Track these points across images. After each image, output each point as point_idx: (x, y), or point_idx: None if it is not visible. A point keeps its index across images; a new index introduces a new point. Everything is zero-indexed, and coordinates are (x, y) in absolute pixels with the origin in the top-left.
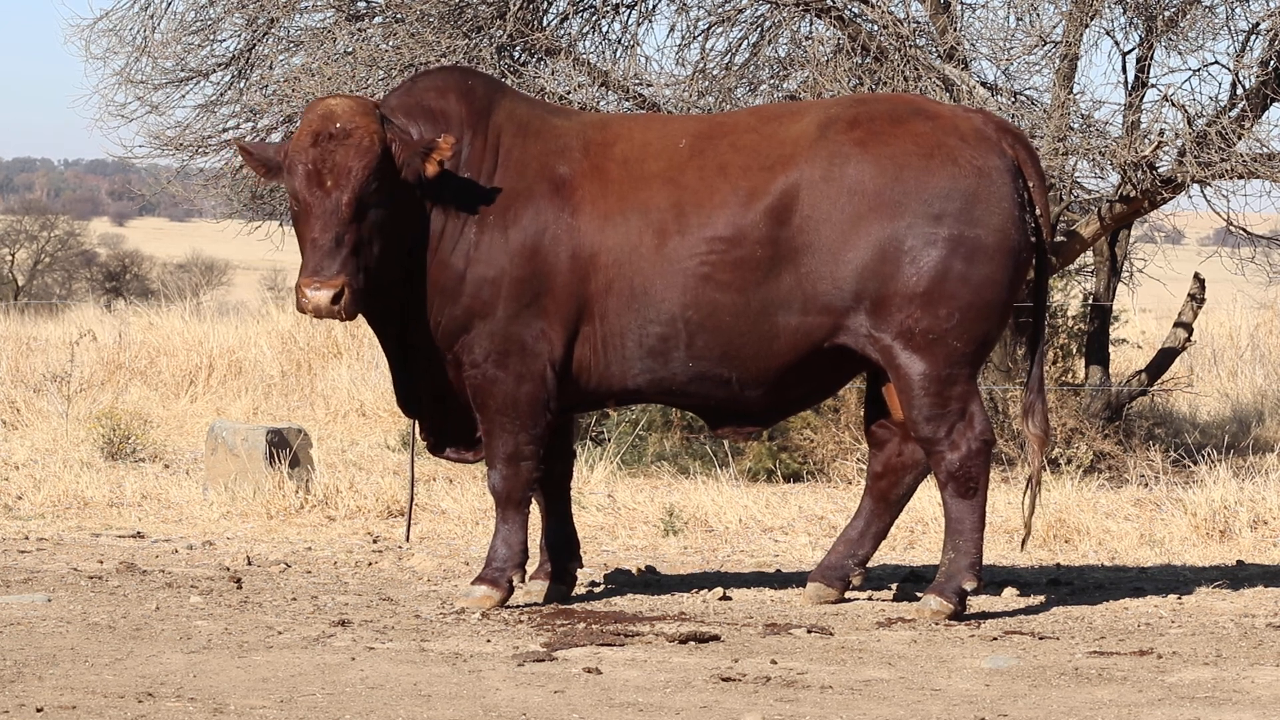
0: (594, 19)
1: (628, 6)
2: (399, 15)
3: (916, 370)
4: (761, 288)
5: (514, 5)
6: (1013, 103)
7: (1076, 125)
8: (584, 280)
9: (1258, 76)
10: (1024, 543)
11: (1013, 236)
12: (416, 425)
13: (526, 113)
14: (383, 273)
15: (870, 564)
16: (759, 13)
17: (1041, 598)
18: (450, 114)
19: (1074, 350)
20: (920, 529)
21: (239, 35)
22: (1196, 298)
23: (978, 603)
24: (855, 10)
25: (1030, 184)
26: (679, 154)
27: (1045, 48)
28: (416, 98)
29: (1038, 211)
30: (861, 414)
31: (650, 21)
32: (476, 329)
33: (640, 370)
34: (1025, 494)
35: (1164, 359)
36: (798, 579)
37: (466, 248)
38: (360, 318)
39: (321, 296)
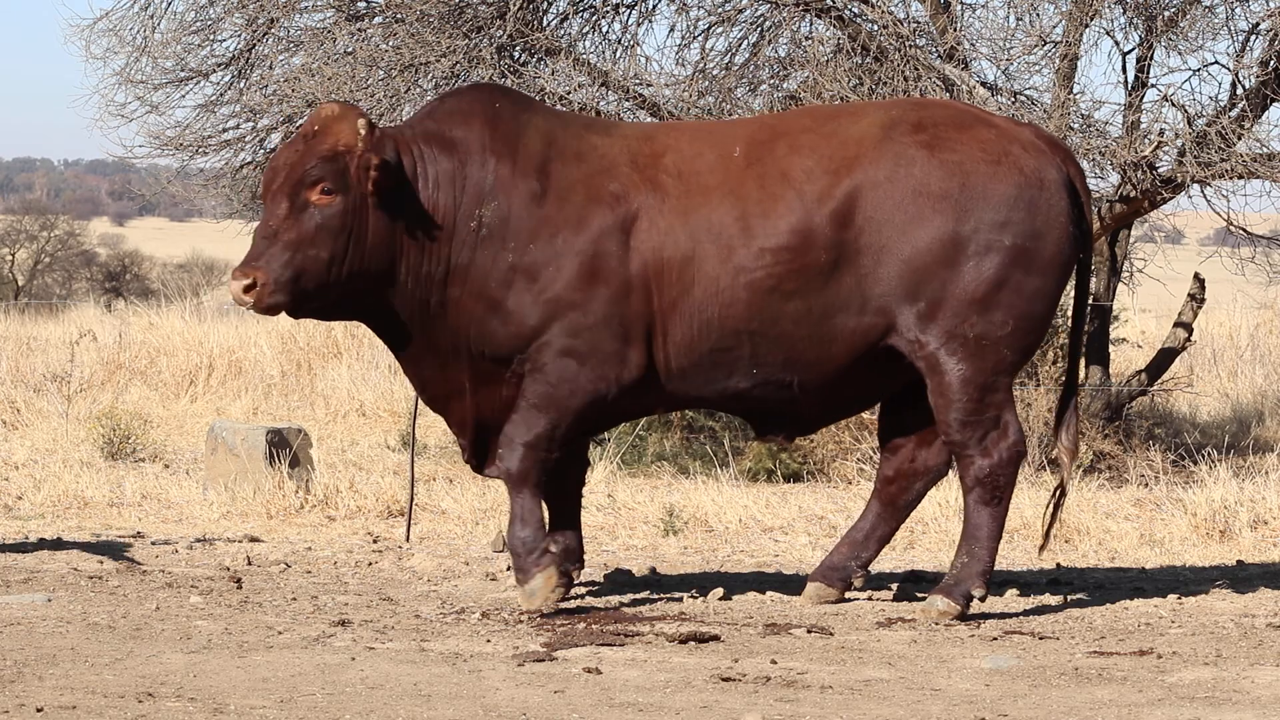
0: (594, 19)
1: (628, 6)
2: (399, 15)
3: (960, 374)
4: (824, 292)
5: (514, 5)
6: (1013, 103)
7: (1076, 125)
8: (647, 299)
9: (1257, 76)
10: (1041, 549)
11: (1065, 250)
12: (461, 446)
13: (563, 132)
14: (345, 284)
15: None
16: (759, 13)
17: (1042, 598)
18: (470, 142)
19: None
20: (920, 529)
21: (239, 35)
22: (1196, 298)
23: (978, 603)
24: (855, 10)
25: (1080, 199)
26: (735, 163)
27: (1045, 48)
28: (438, 123)
29: (1084, 227)
30: (862, 414)
31: (650, 21)
32: (533, 352)
33: (705, 381)
34: (1049, 506)
35: (1164, 359)
36: (798, 579)
37: (508, 276)
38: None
39: (235, 285)
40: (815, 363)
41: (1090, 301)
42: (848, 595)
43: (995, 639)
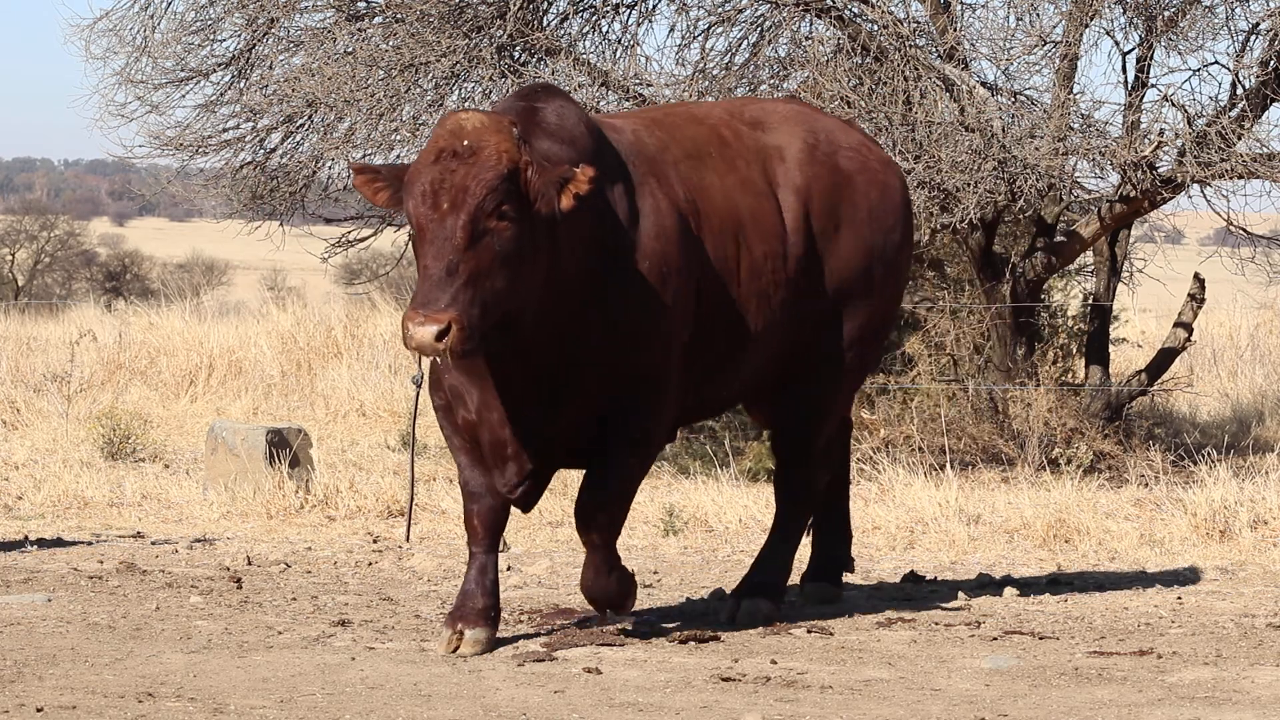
0: (594, 19)
1: (628, 6)
2: (399, 15)
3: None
4: (794, 302)
5: (514, 5)
6: (1013, 103)
7: (1076, 125)
8: (699, 311)
9: (1257, 76)
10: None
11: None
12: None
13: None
14: (510, 313)
15: (870, 563)
16: (759, 13)
17: (1041, 598)
18: (579, 142)
19: (1074, 350)
20: (920, 529)
21: (239, 35)
22: (1196, 298)
23: (978, 603)
24: (855, 10)
25: None
26: (720, 166)
27: (1045, 48)
28: (543, 120)
29: None
30: (862, 414)
31: (650, 21)
32: (639, 374)
33: (723, 388)
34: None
35: (1164, 359)
36: (798, 579)
37: (628, 291)
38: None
39: (425, 333)
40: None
41: (1090, 301)
42: (845, 594)
43: (995, 639)
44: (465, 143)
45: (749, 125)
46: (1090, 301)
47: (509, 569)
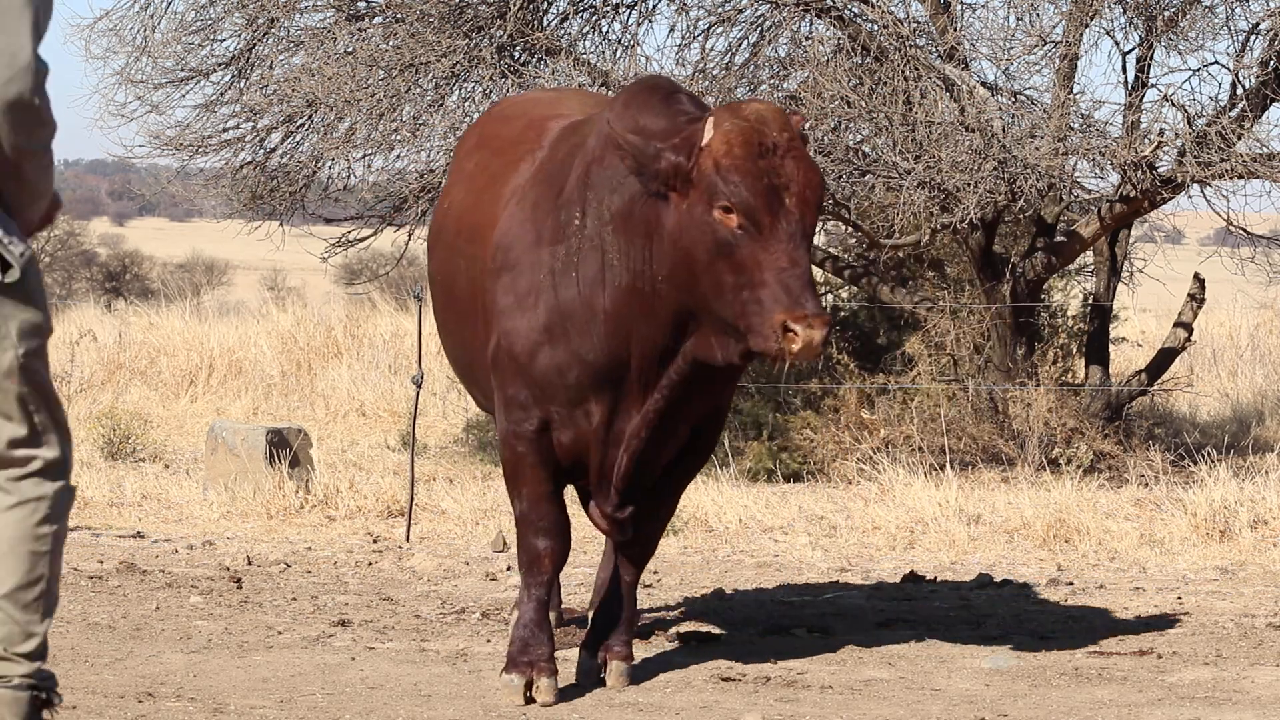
0: (594, 19)
1: (628, 6)
2: (399, 15)
3: None
4: None
5: (514, 5)
6: (1013, 102)
7: (1076, 125)
8: None
9: (1258, 76)
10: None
11: None
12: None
13: None
14: None
15: (870, 563)
16: (759, 13)
17: (1042, 598)
18: None
19: (1074, 350)
20: (920, 529)
21: (239, 35)
22: (1196, 298)
23: (978, 603)
24: (855, 10)
25: None
26: None
27: (1045, 48)
28: None
29: None
30: (862, 415)
31: (650, 21)
32: (724, 404)
33: None
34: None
35: (1164, 359)
36: (798, 579)
37: None
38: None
39: (817, 335)
40: None
41: (1090, 301)
42: (850, 596)
43: (995, 639)
44: (788, 136)
45: None
46: (1090, 301)
47: (509, 569)
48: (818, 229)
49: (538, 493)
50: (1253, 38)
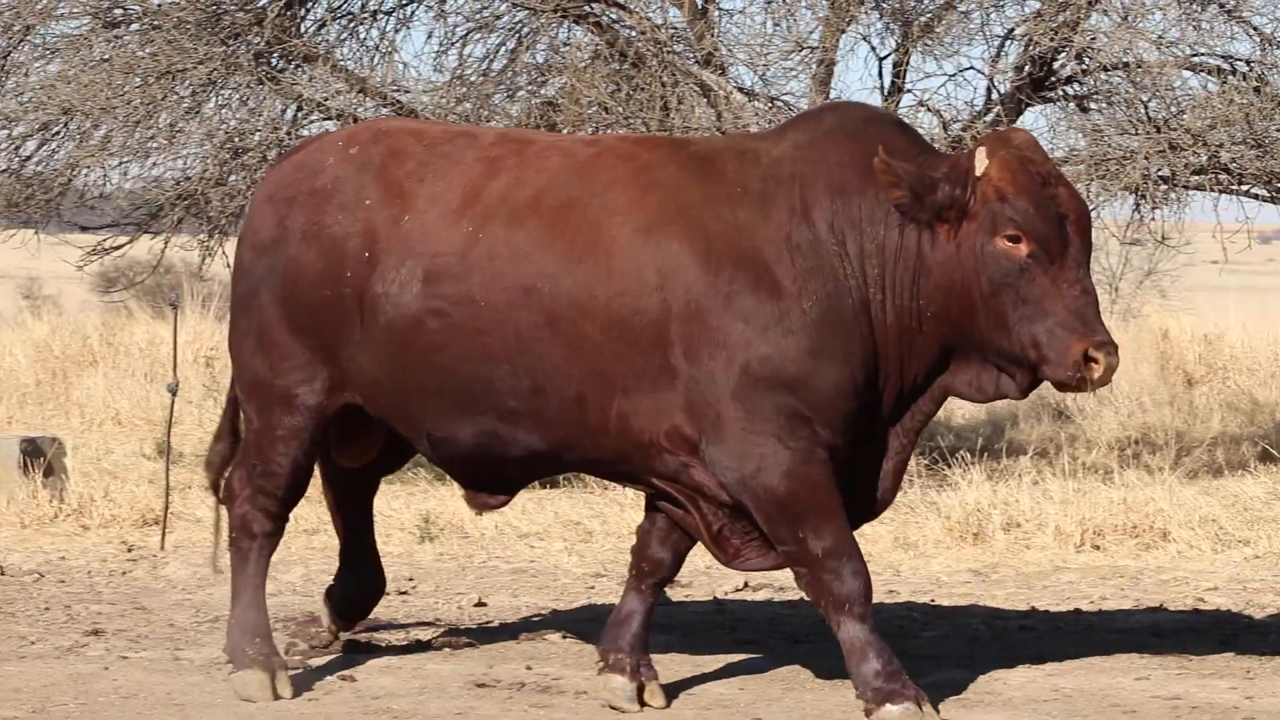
0: (352, 25)
1: (385, 13)
2: (156, 22)
3: None
4: None
5: (271, 12)
6: (770, 108)
7: None
8: None
9: (1012, 81)
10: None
11: None
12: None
13: None
14: None
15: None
16: (516, 19)
17: (796, 601)
18: None
19: None
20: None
21: None
22: None
23: (734, 609)
24: (613, 16)
25: None
26: None
27: (802, 53)
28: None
29: None
30: None
31: (408, 28)
32: None
33: None
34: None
35: None
36: (553, 584)
37: None
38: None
39: (1116, 362)
40: None
41: None
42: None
43: (750, 643)
44: (1051, 165)
45: None
46: None
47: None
48: None
49: (844, 520)
50: (1007, 43)
